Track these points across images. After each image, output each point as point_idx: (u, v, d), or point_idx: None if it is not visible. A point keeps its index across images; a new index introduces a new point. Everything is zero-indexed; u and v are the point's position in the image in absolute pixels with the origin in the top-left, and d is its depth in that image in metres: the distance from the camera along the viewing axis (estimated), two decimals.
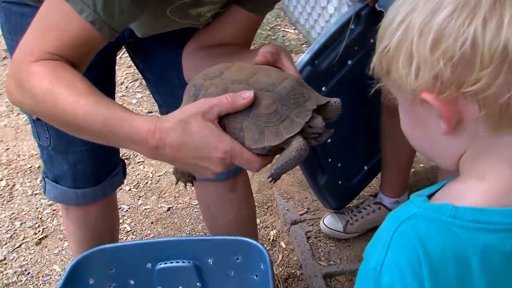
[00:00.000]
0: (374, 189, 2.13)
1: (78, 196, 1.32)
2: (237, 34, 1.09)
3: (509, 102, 0.55)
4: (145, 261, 1.31)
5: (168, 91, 1.30)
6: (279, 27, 3.56)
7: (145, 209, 2.20)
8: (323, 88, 1.68)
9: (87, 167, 1.29)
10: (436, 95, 0.57)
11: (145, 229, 2.10)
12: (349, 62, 1.74)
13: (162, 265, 1.31)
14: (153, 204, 2.22)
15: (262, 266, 1.26)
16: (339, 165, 1.88)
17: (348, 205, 2.01)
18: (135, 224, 2.12)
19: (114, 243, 1.36)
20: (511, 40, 0.53)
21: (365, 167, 2.02)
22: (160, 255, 1.31)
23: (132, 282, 1.31)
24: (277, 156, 0.86)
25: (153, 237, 2.06)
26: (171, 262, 1.31)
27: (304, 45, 3.26)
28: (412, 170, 2.08)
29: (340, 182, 1.92)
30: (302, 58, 1.66)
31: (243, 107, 0.83)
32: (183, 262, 1.31)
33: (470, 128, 0.59)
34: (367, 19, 1.71)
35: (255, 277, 1.31)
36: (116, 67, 1.38)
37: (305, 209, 2.09)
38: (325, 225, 1.95)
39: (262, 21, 1.13)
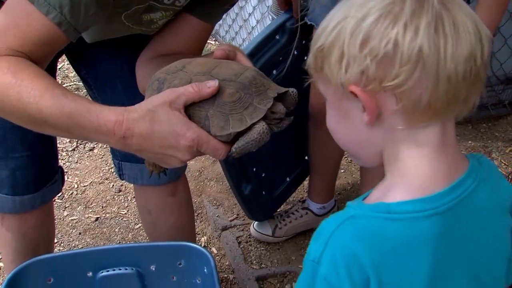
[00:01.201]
0: (300, 194, 2.22)
1: (16, 203, 1.28)
2: (189, 42, 1.12)
3: (421, 98, 0.64)
4: (86, 270, 1.31)
5: (110, 97, 1.30)
6: None
7: (71, 219, 2.15)
8: None
9: (27, 174, 1.26)
10: (362, 88, 0.66)
11: (73, 240, 2.05)
12: (274, 72, 1.78)
13: (104, 273, 1.30)
14: (80, 215, 2.18)
15: (205, 270, 1.29)
16: (263, 175, 1.92)
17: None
18: (61, 236, 2.06)
19: (52, 253, 1.34)
20: (425, 44, 0.63)
21: (288, 179, 2.06)
22: (101, 263, 1.31)
23: None
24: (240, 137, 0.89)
25: (82, 247, 2.02)
26: (113, 270, 1.31)
27: None
28: None
29: (264, 192, 1.96)
30: None
31: (209, 95, 0.86)
32: (126, 269, 1.31)
33: (389, 121, 0.68)
34: (292, 30, 1.78)
35: (197, 281, 1.34)
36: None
37: (234, 215, 2.14)
38: (254, 229, 2.01)
39: (212, 30, 1.17)
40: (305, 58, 1.96)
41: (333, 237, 0.68)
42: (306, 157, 2.04)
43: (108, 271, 1.30)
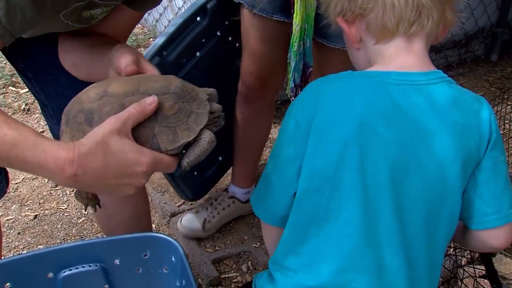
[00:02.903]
0: (223, 183, 2.16)
1: None
2: (118, 29, 1.12)
3: (377, 21, 0.91)
4: (46, 271, 1.24)
5: (54, 90, 1.24)
6: None
7: (7, 220, 2.03)
8: None
9: None
10: (342, 18, 0.96)
11: (11, 241, 1.94)
12: (198, 54, 1.75)
13: (67, 273, 1.25)
14: (16, 214, 2.06)
15: (173, 259, 1.27)
16: None
17: (202, 202, 2.03)
18: None
19: (9, 257, 1.26)
20: None
21: (220, 158, 2.02)
22: (62, 262, 1.25)
23: None
24: (188, 150, 0.90)
25: (23, 248, 1.91)
26: (76, 268, 1.25)
27: (151, 39, 3.24)
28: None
29: (195, 173, 1.93)
30: (150, 48, 1.65)
31: (152, 112, 0.85)
32: (89, 266, 1.26)
33: (365, 42, 0.96)
34: (214, 12, 1.74)
35: (164, 270, 1.32)
36: None
37: (182, 201, 2.11)
38: (183, 226, 1.92)
39: (142, 17, 1.16)
40: (230, 38, 1.93)
41: (307, 86, 0.97)
42: None
43: (70, 269, 1.25)
